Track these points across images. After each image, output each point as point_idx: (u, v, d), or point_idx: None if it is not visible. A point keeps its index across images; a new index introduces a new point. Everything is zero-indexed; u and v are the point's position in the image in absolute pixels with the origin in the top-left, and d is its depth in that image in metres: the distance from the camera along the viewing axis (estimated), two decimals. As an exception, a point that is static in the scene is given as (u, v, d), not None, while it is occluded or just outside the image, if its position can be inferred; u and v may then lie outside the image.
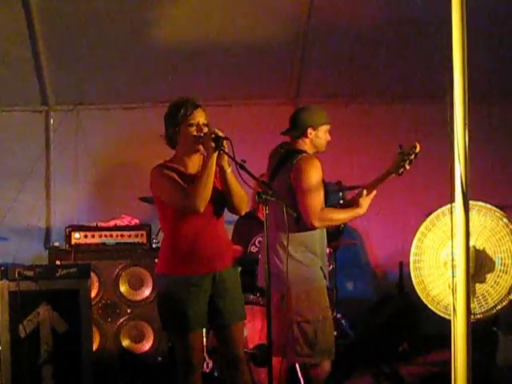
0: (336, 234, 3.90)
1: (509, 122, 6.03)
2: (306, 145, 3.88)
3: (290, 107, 6.12)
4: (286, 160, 3.84)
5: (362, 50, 5.66)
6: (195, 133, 3.34)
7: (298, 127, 3.87)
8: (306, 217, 3.70)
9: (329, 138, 3.92)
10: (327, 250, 4.96)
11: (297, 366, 4.53)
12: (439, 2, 2.42)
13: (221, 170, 3.34)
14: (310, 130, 3.86)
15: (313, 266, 3.79)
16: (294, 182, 3.75)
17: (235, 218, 4.94)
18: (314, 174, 3.73)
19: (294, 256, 3.74)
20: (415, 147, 3.71)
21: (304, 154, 3.80)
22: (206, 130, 3.34)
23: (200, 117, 3.36)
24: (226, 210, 3.51)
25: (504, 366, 4.50)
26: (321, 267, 3.82)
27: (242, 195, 3.41)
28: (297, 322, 3.75)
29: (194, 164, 3.44)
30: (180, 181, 3.34)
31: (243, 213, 3.56)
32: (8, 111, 5.79)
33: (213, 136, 3.24)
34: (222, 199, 3.41)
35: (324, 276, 3.83)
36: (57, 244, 5.20)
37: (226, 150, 3.26)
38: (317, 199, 3.71)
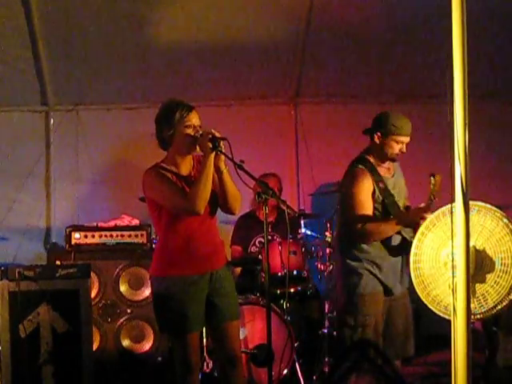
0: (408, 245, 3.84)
1: (509, 122, 6.03)
2: (373, 150, 3.87)
3: (289, 107, 6.15)
4: (349, 166, 3.93)
5: (362, 50, 5.66)
6: (192, 134, 3.34)
7: (372, 128, 3.88)
8: (349, 232, 3.77)
9: (402, 150, 3.86)
10: (327, 251, 4.99)
11: (297, 365, 4.54)
12: (439, 1, 2.42)
13: (217, 171, 3.34)
14: (378, 135, 3.85)
15: (365, 274, 3.79)
16: (343, 192, 3.87)
17: (235, 218, 4.96)
18: (356, 190, 3.75)
19: (348, 263, 3.80)
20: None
21: (356, 167, 3.83)
22: (201, 131, 3.35)
23: (195, 118, 3.37)
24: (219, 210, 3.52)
25: (504, 366, 4.49)
26: (379, 278, 3.80)
27: (236, 195, 3.43)
28: (338, 325, 3.78)
29: (186, 165, 3.44)
30: (176, 182, 3.36)
31: (236, 212, 3.56)
32: (8, 111, 5.79)
33: (210, 137, 3.25)
34: (215, 199, 3.41)
35: (385, 288, 3.82)
36: (56, 243, 5.21)
37: (223, 151, 3.27)
38: (354, 215, 3.73)
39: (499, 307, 3.22)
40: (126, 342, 4.90)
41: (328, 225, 5.05)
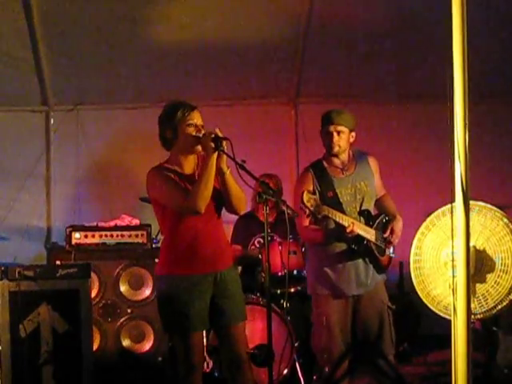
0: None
1: (509, 122, 6.03)
2: None
3: (289, 107, 6.15)
4: None
5: (362, 50, 5.66)
6: (194, 133, 3.34)
7: None
8: None
9: (335, 141, 3.89)
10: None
11: (297, 365, 4.54)
12: (439, 1, 2.42)
13: (219, 172, 3.34)
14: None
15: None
16: None
17: (234, 217, 4.95)
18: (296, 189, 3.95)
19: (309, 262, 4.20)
20: None
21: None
22: (203, 131, 3.35)
23: (197, 118, 3.37)
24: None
25: (504, 366, 4.49)
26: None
27: (240, 196, 3.41)
28: None
29: (189, 164, 3.44)
30: (178, 182, 3.35)
31: (241, 213, 3.58)
32: (8, 111, 5.79)
33: (212, 136, 3.24)
34: (220, 199, 3.41)
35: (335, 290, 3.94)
36: (56, 243, 5.21)
37: (226, 151, 3.26)
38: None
39: (499, 307, 3.23)
40: (126, 342, 4.89)
41: (328, 225, 5.04)
